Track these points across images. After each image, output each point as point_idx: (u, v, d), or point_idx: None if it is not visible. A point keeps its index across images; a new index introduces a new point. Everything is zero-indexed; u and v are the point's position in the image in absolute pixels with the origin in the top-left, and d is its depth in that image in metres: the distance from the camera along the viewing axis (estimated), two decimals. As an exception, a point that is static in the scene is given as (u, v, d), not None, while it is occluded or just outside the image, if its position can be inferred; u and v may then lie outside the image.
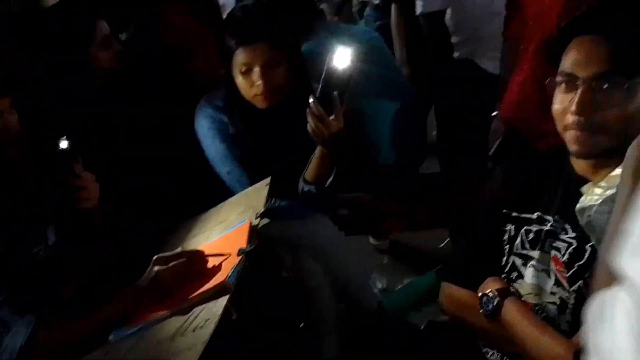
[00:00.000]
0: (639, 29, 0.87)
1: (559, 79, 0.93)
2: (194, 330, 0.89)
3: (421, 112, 2.03)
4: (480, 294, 1.05)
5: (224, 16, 1.65)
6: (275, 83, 1.39)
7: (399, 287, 1.37)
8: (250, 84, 1.39)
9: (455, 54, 1.86)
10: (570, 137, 0.93)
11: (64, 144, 1.21)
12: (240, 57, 1.37)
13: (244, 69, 1.38)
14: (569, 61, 0.91)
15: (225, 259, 1.08)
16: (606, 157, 0.93)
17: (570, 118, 0.91)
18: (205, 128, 1.50)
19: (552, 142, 1.04)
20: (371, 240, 2.43)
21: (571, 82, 0.91)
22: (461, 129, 1.78)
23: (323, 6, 2.90)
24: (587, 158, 0.95)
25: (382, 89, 1.81)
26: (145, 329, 0.99)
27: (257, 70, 1.37)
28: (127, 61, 1.58)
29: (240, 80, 1.41)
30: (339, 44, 1.60)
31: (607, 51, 0.87)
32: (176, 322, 0.96)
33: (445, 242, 2.36)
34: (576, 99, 0.89)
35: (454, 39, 1.84)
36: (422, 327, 1.26)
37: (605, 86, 0.87)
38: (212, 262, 1.11)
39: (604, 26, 0.88)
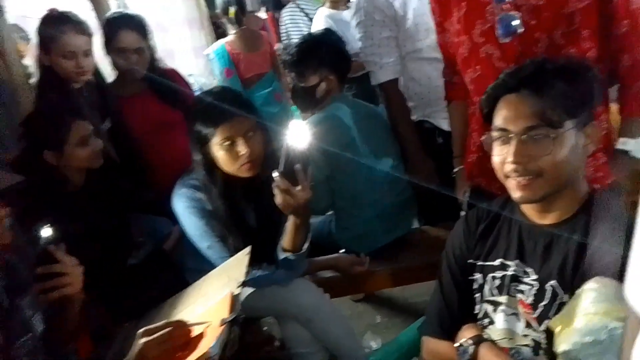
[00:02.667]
0: (559, 85, 0.97)
1: (494, 134, 1.02)
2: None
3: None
4: (456, 345, 1.08)
5: None
6: (256, 151, 1.48)
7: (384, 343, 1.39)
8: (234, 156, 1.47)
9: (413, 117, 1.98)
10: (511, 185, 1.01)
11: (46, 232, 1.25)
12: (220, 133, 1.46)
13: (226, 142, 1.46)
14: (500, 118, 1.01)
15: (208, 330, 1.10)
16: (549, 201, 1.00)
17: (509, 167, 0.99)
18: (182, 207, 1.57)
19: None
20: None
21: (504, 136, 1.00)
22: (431, 186, 1.86)
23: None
24: (531, 203, 1.02)
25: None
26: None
27: (240, 140, 1.46)
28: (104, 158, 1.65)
29: (222, 155, 1.48)
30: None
31: (533, 107, 0.97)
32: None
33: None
34: (511, 150, 0.98)
35: (409, 104, 1.98)
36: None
37: (535, 137, 0.96)
38: (195, 334, 1.13)
39: (527, 85, 0.98)
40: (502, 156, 1.01)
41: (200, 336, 1.12)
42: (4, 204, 1.09)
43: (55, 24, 1.76)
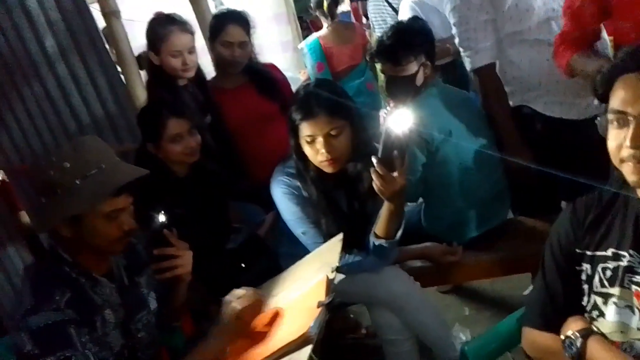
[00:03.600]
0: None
1: (610, 116, 0.96)
2: (281, 380, 0.95)
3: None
4: (562, 337, 1.03)
5: None
6: (338, 150, 1.51)
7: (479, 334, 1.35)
8: (315, 152, 1.52)
9: (510, 103, 1.90)
10: (627, 170, 0.94)
11: (161, 218, 1.36)
12: (304, 129, 1.52)
13: (309, 139, 1.52)
14: (617, 100, 0.94)
15: (306, 311, 1.14)
16: None
17: (626, 152, 0.93)
18: (280, 193, 1.63)
19: None
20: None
21: (622, 119, 0.93)
22: (531, 175, 1.78)
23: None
24: None
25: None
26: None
27: (320, 140, 1.50)
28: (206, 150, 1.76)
29: (307, 149, 1.55)
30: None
31: None
32: (265, 373, 1.02)
33: (529, 289, 2.27)
34: (629, 134, 0.91)
35: (506, 89, 1.89)
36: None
37: None
38: (293, 316, 1.18)
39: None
40: (618, 140, 0.94)
41: (299, 318, 1.17)
42: (129, 194, 1.20)
43: (163, 25, 1.90)
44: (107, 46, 2.21)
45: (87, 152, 1.18)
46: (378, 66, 2.41)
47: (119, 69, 2.06)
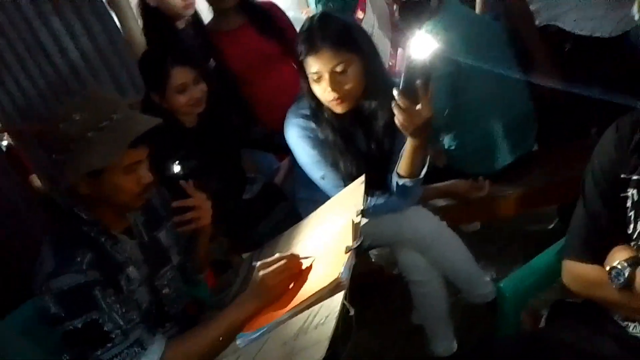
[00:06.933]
0: None
1: None
2: (316, 328, 0.91)
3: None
4: (608, 268, 0.97)
5: None
6: (346, 88, 1.41)
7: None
8: (323, 90, 1.43)
9: (537, 22, 1.77)
10: None
11: (176, 168, 1.30)
12: (310, 66, 1.42)
13: (315, 77, 1.42)
14: None
15: (336, 257, 1.10)
16: None
17: None
18: (295, 137, 1.55)
19: None
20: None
21: None
22: (560, 99, 1.68)
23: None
24: None
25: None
26: (269, 331, 1.03)
27: (326, 77, 1.40)
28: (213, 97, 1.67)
29: (315, 88, 1.45)
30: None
31: None
32: (297, 321, 0.99)
33: (555, 222, 2.22)
34: None
35: (531, 7, 1.76)
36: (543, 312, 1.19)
37: None
38: (322, 263, 1.14)
39: None
40: None
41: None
42: (146, 146, 1.13)
43: None
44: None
45: (97, 103, 1.11)
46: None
47: (114, 16, 1.95)
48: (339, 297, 0.95)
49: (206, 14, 2.06)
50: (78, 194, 1.12)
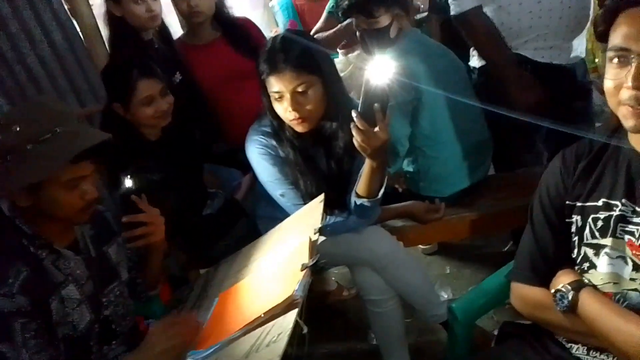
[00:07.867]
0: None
1: (610, 54, 0.90)
2: (268, 345, 0.90)
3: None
4: (553, 291, 1.01)
5: None
6: (307, 108, 1.43)
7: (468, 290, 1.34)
8: (285, 110, 1.44)
9: None
10: (625, 113, 0.89)
11: (128, 183, 1.28)
12: (271, 85, 1.43)
13: (276, 95, 1.43)
14: (619, 36, 0.88)
15: (291, 275, 1.09)
16: None
17: (626, 93, 0.87)
18: (255, 154, 1.55)
19: None
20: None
21: (624, 56, 0.88)
22: (514, 127, 1.74)
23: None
24: None
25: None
26: (221, 349, 1.01)
27: (287, 96, 1.41)
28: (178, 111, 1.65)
29: (277, 107, 1.46)
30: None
31: None
32: (249, 339, 0.97)
33: (509, 245, 2.29)
34: (631, 73, 0.86)
35: None
36: (495, 332, 1.22)
37: None
38: (277, 280, 1.13)
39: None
40: (618, 80, 0.89)
41: (282, 282, 1.12)
42: (92, 161, 1.11)
43: None
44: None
45: (41, 114, 1.07)
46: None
47: (75, 23, 1.91)
48: (292, 315, 0.95)
49: (176, 28, 2.05)
50: (18, 205, 1.08)
